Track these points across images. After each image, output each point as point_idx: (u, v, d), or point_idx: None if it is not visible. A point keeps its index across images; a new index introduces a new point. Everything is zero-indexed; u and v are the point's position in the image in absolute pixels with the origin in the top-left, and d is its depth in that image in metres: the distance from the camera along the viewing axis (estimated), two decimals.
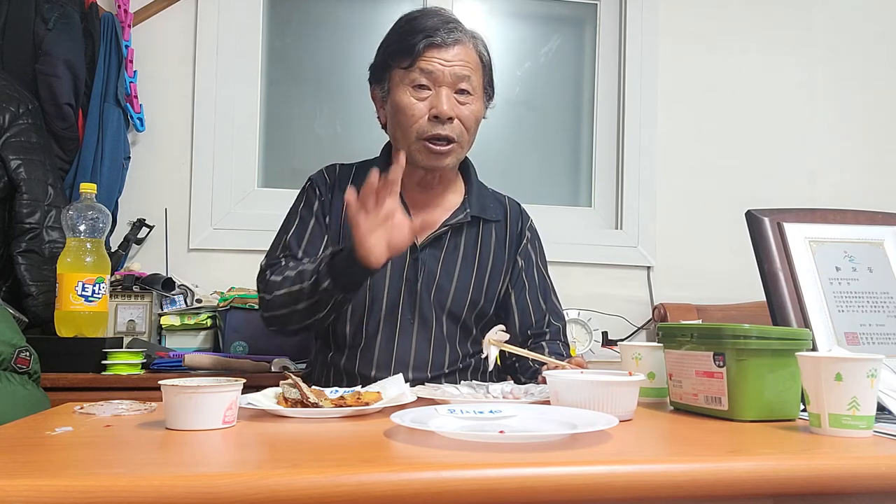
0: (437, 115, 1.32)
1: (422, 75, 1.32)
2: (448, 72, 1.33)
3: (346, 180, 1.45)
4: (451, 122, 1.34)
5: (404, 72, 1.34)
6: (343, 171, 1.48)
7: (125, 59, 2.09)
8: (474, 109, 1.37)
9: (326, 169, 1.49)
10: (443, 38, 1.33)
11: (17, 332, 1.41)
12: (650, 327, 2.40)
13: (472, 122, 1.37)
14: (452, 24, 1.35)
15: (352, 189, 1.17)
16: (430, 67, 1.32)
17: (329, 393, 1.05)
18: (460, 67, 1.34)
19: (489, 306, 1.45)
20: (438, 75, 1.32)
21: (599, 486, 0.67)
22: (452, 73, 1.33)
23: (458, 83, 1.34)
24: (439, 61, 1.32)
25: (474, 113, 1.37)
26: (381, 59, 1.40)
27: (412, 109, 1.33)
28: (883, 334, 1.16)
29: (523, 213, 1.54)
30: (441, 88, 1.33)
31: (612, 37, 2.54)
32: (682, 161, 2.51)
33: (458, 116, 1.34)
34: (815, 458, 0.76)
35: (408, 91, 1.34)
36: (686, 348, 1.04)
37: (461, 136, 1.36)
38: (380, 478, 0.63)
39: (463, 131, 1.36)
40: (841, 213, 1.26)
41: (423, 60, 1.32)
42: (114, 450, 0.76)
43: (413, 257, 1.39)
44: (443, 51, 1.33)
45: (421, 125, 1.33)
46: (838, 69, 2.61)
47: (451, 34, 1.34)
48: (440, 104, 1.32)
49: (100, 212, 1.74)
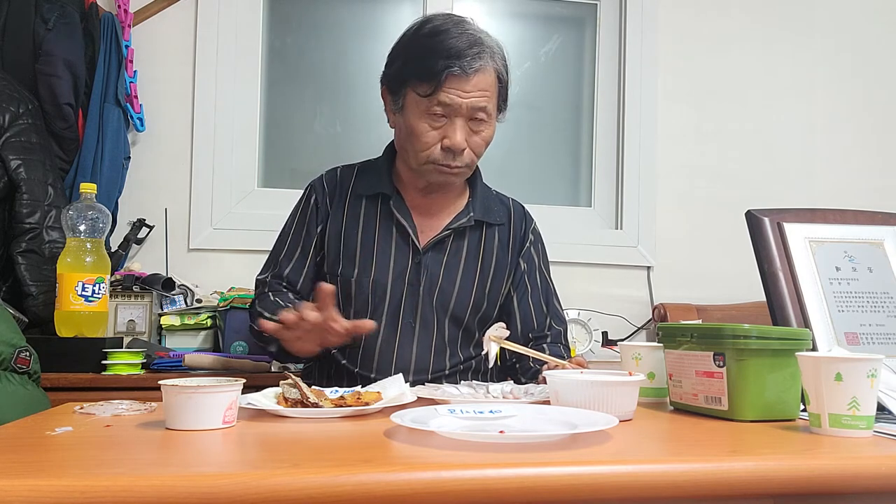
0: (450, 146, 1.31)
1: (439, 106, 1.29)
2: (466, 105, 1.30)
3: (348, 183, 1.45)
4: (462, 154, 1.33)
5: (421, 98, 1.30)
6: (344, 173, 1.47)
7: (125, 59, 2.09)
8: (486, 135, 1.35)
9: (327, 174, 1.48)
10: (464, 68, 1.28)
11: (17, 332, 1.41)
12: (650, 327, 2.40)
13: (482, 148, 1.36)
14: (476, 49, 1.29)
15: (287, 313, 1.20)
16: (447, 100, 1.29)
17: (329, 393, 1.05)
18: (477, 98, 1.30)
19: (492, 309, 1.45)
20: (456, 108, 1.30)
21: (599, 486, 0.67)
22: (469, 105, 1.30)
23: (474, 114, 1.32)
24: (458, 93, 1.29)
25: (485, 139, 1.36)
26: (399, 74, 1.34)
27: (425, 137, 1.32)
28: (883, 334, 1.16)
29: (527, 216, 1.53)
30: (457, 119, 1.30)
31: (612, 37, 2.54)
32: (682, 161, 2.51)
33: (470, 146, 1.33)
34: (815, 458, 0.76)
35: (423, 118, 1.31)
36: (686, 348, 1.04)
37: (471, 162, 1.36)
38: (380, 478, 0.63)
39: (473, 158, 1.36)
40: (841, 213, 1.26)
41: (443, 92, 1.28)
42: (114, 450, 0.76)
43: (416, 261, 1.38)
44: (463, 81, 1.29)
45: (432, 153, 1.32)
46: (838, 69, 2.61)
47: (475, 62, 1.29)
48: (454, 136, 1.30)
49: (100, 212, 1.74)
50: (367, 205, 1.42)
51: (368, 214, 1.41)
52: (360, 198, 1.42)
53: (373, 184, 1.42)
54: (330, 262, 1.41)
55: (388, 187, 1.41)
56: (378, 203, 1.41)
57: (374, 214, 1.41)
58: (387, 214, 1.40)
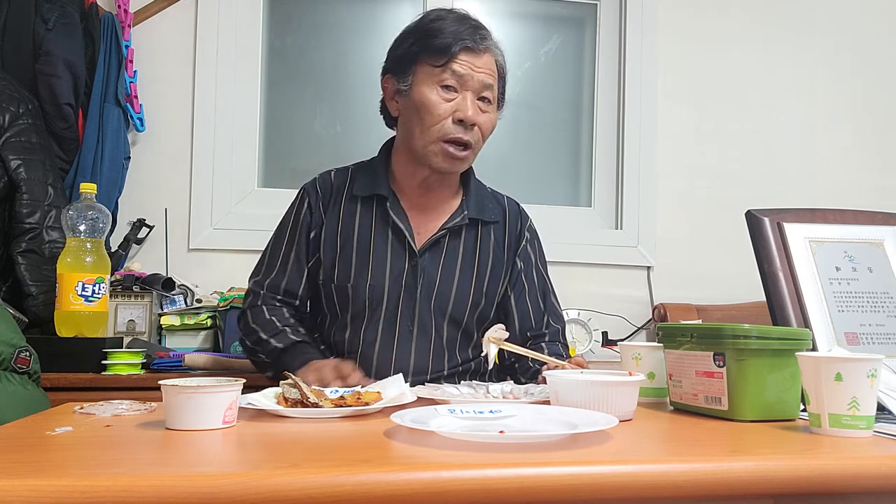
0: (462, 118, 1.32)
1: (452, 77, 1.32)
2: (477, 78, 1.33)
3: (342, 186, 1.44)
4: (473, 129, 1.34)
5: (435, 69, 1.32)
6: (338, 176, 1.46)
7: (125, 59, 2.09)
8: (492, 118, 1.38)
9: (320, 177, 1.47)
10: (476, 43, 1.33)
11: (17, 332, 1.41)
12: (650, 327, 2.40)
13: (488, 130, 1.38)
14: (484, 31, 1.36)
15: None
16: (462, 70, 1.31)
17: (329, 393, 1.04)
18: (486, 75, 1.34)
19: (490, 308, 1.44)
20: (468, 79, 1.32)
21: (599, 486, 0.67)
22: (480, 80, 1.33)
23: (482, 91, 1.34)
24: (470, 66, 1.32)
25: (491, 121, 1.38)
26: (408, 52, 1.36)
27: (438, 108, 1.32)
28: (883, 334, 1.16)
29: (522, 214, 1.52)
30: (467, 93, 1.33)
31: (612, 37, 2.54)
32: (682, 161, 2.51)
33: (479, 123, 1.35)
34: (815, 458, 0.76)
35: (436, 89, 1.33)
36: (686, 348, 1.04)
37: (478, 143, 1.37)
38: (380, 478, 0.63)
39: (480, 138, 1.37)
40: (841, 213, 1.26)
41: (456, 62, 1.31)
42: (114, 450, 0.76)
43: (412, 264, 1.38)
44: (475, 56, 1.33)
45: (445, 126, 1.33)
46: (838, 69, 2.61)
47: (484, 41, 1.34)
48: (466, 108, 1.32)
49: (100, 212, 1.74)
50: (363, 207, 1.41)
51: (364, 217, 1.40)
52: (355, 200, 1.42)
53: (369, 185, 1.42)
54: (326, 268, 1.40)
55: (384, 188, 1.40)
56: (374, 205, 1.41)
57: (369, 217, 1.40)
58: (383, 217, 1.39)
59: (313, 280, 1.42)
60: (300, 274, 1.42)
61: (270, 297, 1.41)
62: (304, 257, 1.42)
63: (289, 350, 1.33)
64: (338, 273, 1.38)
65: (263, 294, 1.41)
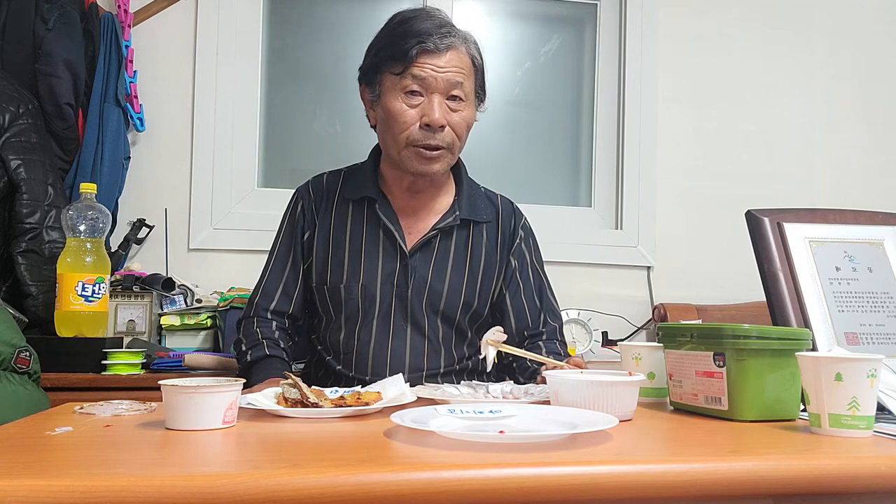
0: (428, 123, 1.31)
1: (414, 82, 1.30)
2: (441, 78, 1.31)
3: (335, 188, 1.45)
4: (443, 131, 1.32)
5: (396, 77, 1.32)
6: (330, 179, 1.47)
7: (125, 59, 2.09)
8: (466, 116, 1.35)
9: (313, 180, 1.48)
10: (436, 43, 1.30)
11: (17, 332, 1.41)
12: (650, 327, 2.40)
13: (463, 129, 1.36)
14: (446, 29, 1.32)
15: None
16: (422, 74, 1.30)
17: (329, 393, 1.04)
18: (453, 74, 1.31)
19: (483, 308, 1.44)
20: (431, 82, 1.30)
21: (599, 486, 0.67)
22: (445, 79, 1.31)
23: (450, 90, 1.32)
24: (432, 67, 1.30)
25: (465, 119, 1.35)
26: (372, 62, 1.37)
27: (403, 116, 1.32)
28: (883, 334, 1.16)
29: (516, 212, 1.51)
30: (433, 95, 1.31)
31: (612, 37, 2.54)
32: (682, 161, 2.51)
33: (450, 124, 1.33)
34: (815, 458, 0.76)
35: (399, 97, 1.32)
36: (686, 348, 1.04)
37: (452, 143, 1.35)
38: (380, 478, 0.63)
39: (454, 138, 1.35)
40: (841, 213, 1.26)
41: (415, 67, 1.30)
42: (114, 450, 0.76)
43: (403, 263, 1.38)
44: (436, 57, 1.30)
45: (412, 133, 1.32)
46: (837, 69, 2.61)
47: (445, 39, 1.31)
48: (432, 112, 1.30)
49: (100, 212, 1.74)
50: (354, 209, 1.42)
51: (355, 219, 1.41)
52: (346, 202, 1.42)
53: (358, 188, 1.42)
54: (319, 269, 1.41)
55: (373, 190, 1.40)
56: (364, 207, 1.41)
57: (360, 219, 1.41)
58: (373, 218, 1.40)
59: (307, 287, 1.43)
60: (295, 280, 1.43)
61: (263, 310, 1.43)
62: (300, 260, 1.43)
63: (258, 363, 1.36)
64: (330, 275, 1.39)
65: (256, 304, 1.43)
